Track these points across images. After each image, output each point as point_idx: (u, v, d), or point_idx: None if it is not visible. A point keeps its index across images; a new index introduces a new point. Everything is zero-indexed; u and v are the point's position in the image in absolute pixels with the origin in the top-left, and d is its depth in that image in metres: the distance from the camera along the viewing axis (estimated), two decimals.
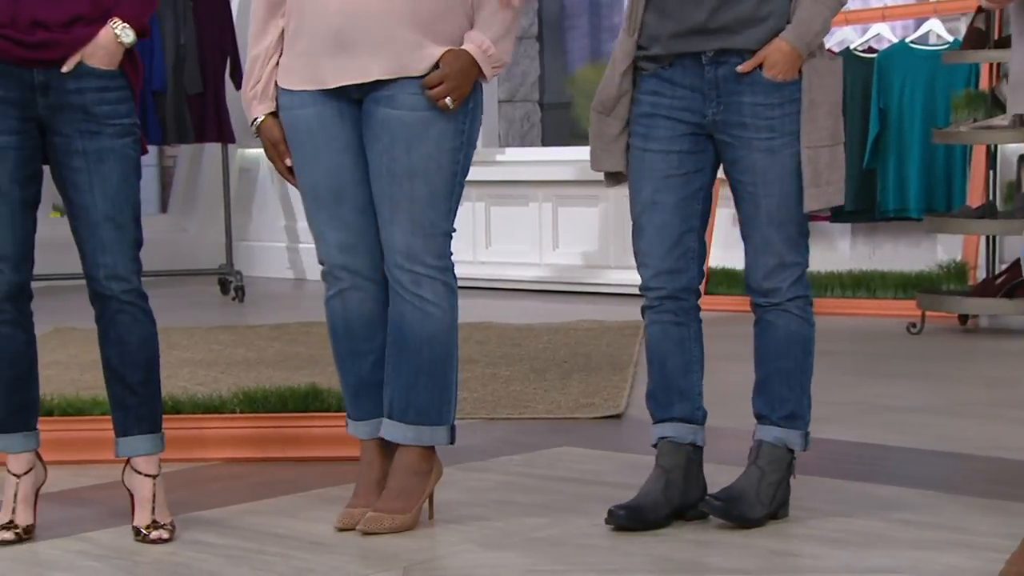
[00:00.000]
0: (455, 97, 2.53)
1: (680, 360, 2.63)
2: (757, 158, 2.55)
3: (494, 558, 2.46)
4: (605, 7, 8.02)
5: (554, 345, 4.96)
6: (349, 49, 2.54)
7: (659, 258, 2.60)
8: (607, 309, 6.06)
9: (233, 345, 5.10)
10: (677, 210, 2.59)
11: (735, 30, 2.53)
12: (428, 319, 2.58)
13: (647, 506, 2.57)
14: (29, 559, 2.51)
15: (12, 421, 2.65)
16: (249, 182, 7.84)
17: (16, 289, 2.59)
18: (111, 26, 2.54)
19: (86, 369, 4.52)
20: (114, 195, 2.56)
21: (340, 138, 2.60)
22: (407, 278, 2.57)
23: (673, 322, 2.62)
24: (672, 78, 2.57)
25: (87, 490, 3.00)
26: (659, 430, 2.66)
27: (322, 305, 2.72)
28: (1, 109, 2.52)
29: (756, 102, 2.53)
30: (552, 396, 4.00)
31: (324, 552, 2.51)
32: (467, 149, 2.60)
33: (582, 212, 6.79)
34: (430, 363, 2.59)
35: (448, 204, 2.59)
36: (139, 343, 2.62)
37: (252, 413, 3.30)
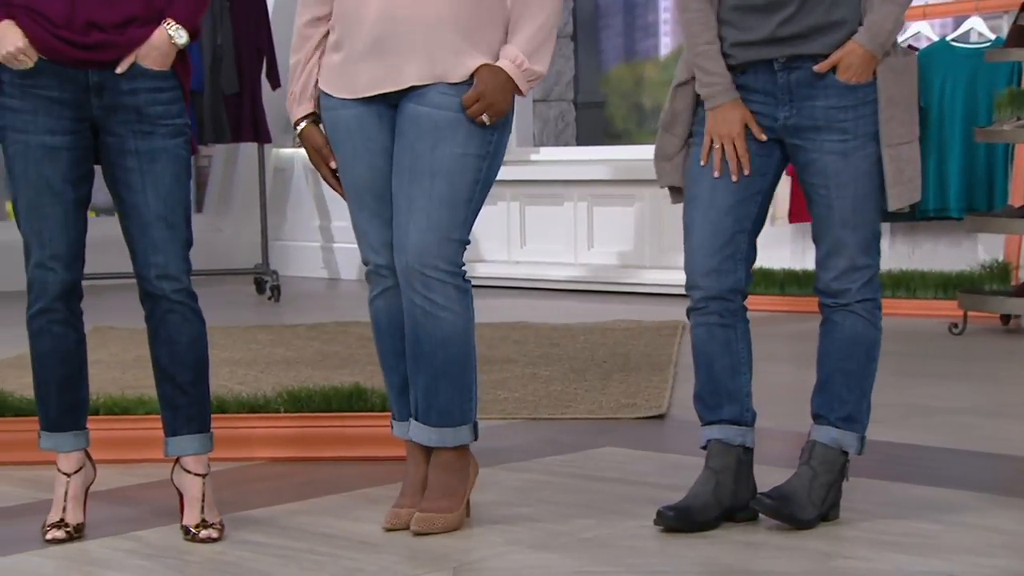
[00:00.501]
0: (491, 114, 2.53)
1: (727, 362, 2.62)
2: (830, 161, 2.54)
3: (543, 559, 2.46)
4: (639, 6, 8.01)
5: (592, 345, 4.96)
6: (387, 56, 2.54)
7: (707, 256, 2.59)
8: (643, 309, 6.05)
9: (271, 344, 5.12)
10: (731, 211, 2.58)
11: (807, 36, 2.53)
12: (440, 323, 2.55)
13: (696, 507, 2.57)
14: (80, 558, 2.53)
15: (62, 420, 2.67)
16: (284, 182, 7.86)
17: (68, 288, 2.61)
18: (165, 27, 2.55)
19: (127, 368, 4.56)
20: (166, 195, 2.57)
21: (379, 141, 2.60)
22: (419, 281, 2.55)
23: (719, 324, 2.61)
24: (745, 84, 2.57)
25: (134, 489, 3.01)
26: (708, 432, 2.65)
27: (357, 305, 2.73)
28: (55, 110, 2.54)
29: (830, 105, 2.53)
30: (593, 396, 3.99)
31: (373, 552, 2.51)
32: (492, 160, 2.58)
33: (617, 212, 6.78)
34: (447, 365, 2.57)
35: (465, 212, 2.55)
36: (189, 343, 2.63)
37: (296, 413, 3.31)
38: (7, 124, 2.56)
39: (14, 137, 2.55)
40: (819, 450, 2.61)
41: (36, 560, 2.50)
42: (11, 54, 2.49)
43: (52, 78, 2.53)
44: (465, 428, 2.62)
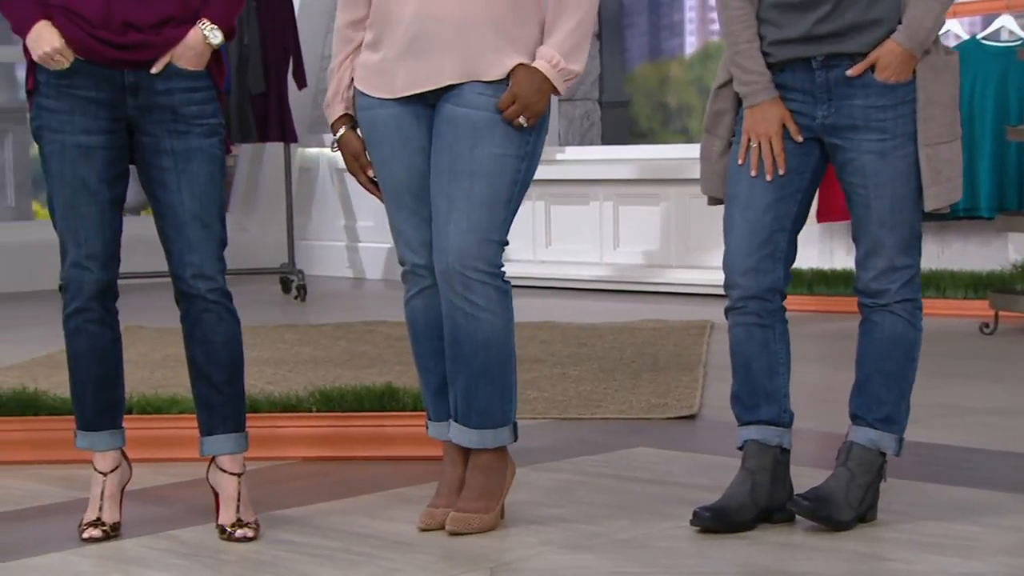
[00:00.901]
0: (528, 116, 2.52)
1: (765, 362, 2.61)
2: (868, 160, 2.53)
3: (579, 560, 2.45)
4: (664, 5, 7.99)
5: (620, 345, 4.94)
6: (423, 55, 2.54)
7: (745, 255, 2.57)
8: (669, 309, 6.03)
9: (299, 344, 5.13)
10: (770, 209, 2.57)
11: (845, 35, 2.52)
12: (480, 324, 2.54)
13: (732, 508, 2.56)
14: (117, 556, 2.53)
15: (98, 419, 2.68)
16: (309, 181, 7.88)
17: (103, 288, 2.62)
18: (200, 27, 2.56)
19: (156, 367, 4.57)
20: (201, 194, 2.58)
21: (416, 140, 2.60)
22: (458, 281, 2.54)
23: (757, 324, 2.60)
24: (783, 82, 2.56)
25: (167, 488, 3.02)
26: (745, 432, 2.63)
27: (383, 304, 2.74)
28: (91, 109, 2.54)
29: (868, 104, 2.52)
30: (623, 396, 3.98)
31: (408, 552, 2.51)
32: (530, 161, 2.58)
33: (643, 211, 6.76)
34: (487, 367, 2.56)
35: (504, 212, 2.55)
36: (224, 342, 2.64)
37: (329, 412, 3.31)
38: (43, 124, 2.56)
39: (50, 137, 2.56)
40: (856, 451, 2.60)
41: (73, 559, 2.51)
42: (48, 54, 2.49)
43: (88, 78, 2.53)
44: (505, 429, 2.61)
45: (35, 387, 3.49)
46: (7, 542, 2.65)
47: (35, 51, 2.51)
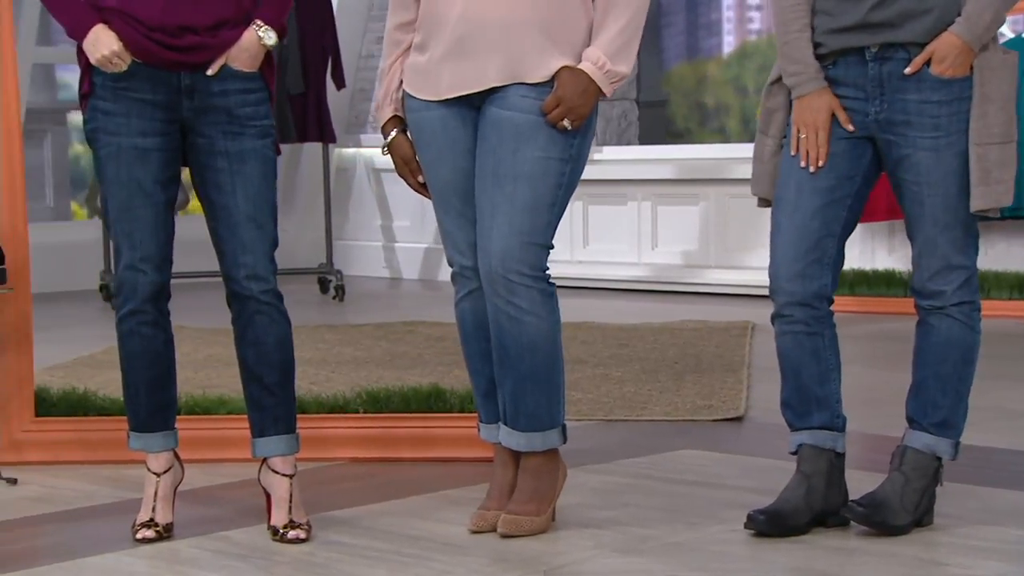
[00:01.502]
0: (572, 119, 2.50)
1: (815, 369, 2.57)
2: (921, 157, 2.49)
3: (632, 563, 2.44)
4: (702, 5, 7.96)
5: (662, 345, 4.93)
6: (469, 56, 2.53)
7: (792, 261, 2.54)
8: (709, 309, 6.01)
9: (340, 344, 5.14)
10: (818, 214, 2.53)
11: (899, 23, 2.48)
12: (525, 328, 2.53)
13: (787, 512, 2.54)
14: (171, 557, 2.54)
15: (152, 421, 2.69)
16: (346, 181, 7.89)
17: (157, 290, 2.63)
18: (254, 28, 2.56)
19: (200, 367, 4.59)
20: (255, 195, 2.59)
21: (462, 142, 2.59)
22: (502, 285, 2.53)
23: (805, 332, 2.56)
24: (836, 77, 2.53)
25: (217, 489, 3.03)
26: (798, 438, 2.61)
27: (421, 304, 2.74)
28: (147, 111, 2.56)
29: (923, 99, 2.48)
30: (667, 398, 3.97)
31: (460, 554, 2.51)
32: (574, 164, 2.55)
33: (681, 211, 6.74)
34: (533, 370, 2.55)
35: (548, 216, 2.53)
36: (276, 343, 2.64)
37: (376, 413, 3.31)
38: (99, 127, 2.58)
39: (106, 140, 2.57)
40: (911, 455, 2.57)
41: (127, 559, 2.52)
42: (106, 57, 2.51)
43: (145, 81, 2.55)
44: (553, 432, 2.60)
45: (84, 388, 3.50)
46: (61, 542, 2.67)
47: (93, 54, 2.52)
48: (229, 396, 3.42)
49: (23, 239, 3.20)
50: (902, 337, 3.27)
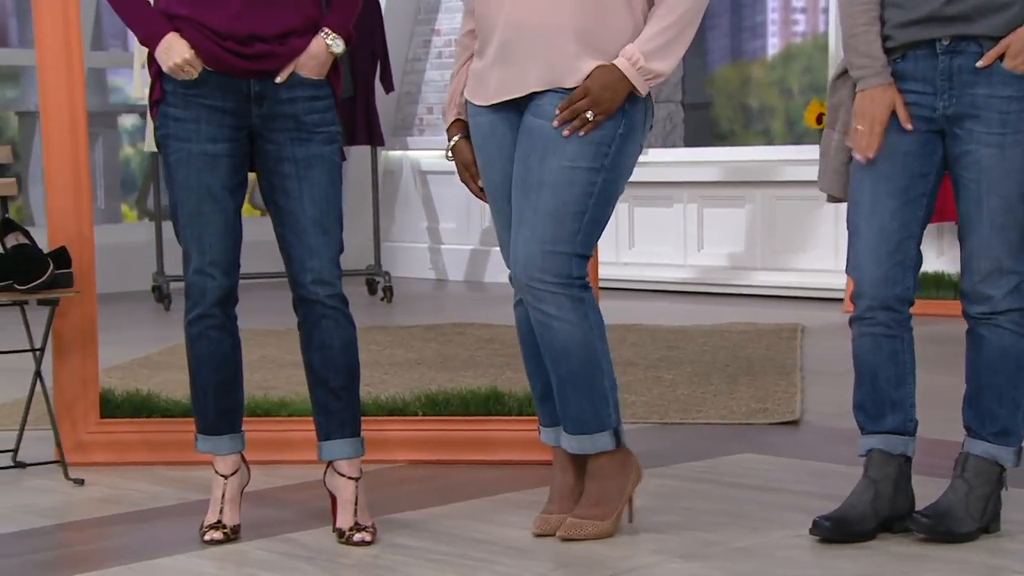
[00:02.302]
0: (596, 112, 2.46)
1: (892, 373, 2.54)
2: (984, 154, 2.44)
3: (698, 569, 2.42)
4: (746, 7, 7.91)
5: (712, 348, 4.90)
6: (511, 62, 2.53)
7: (875, 264, 2.49)
8: (756, 311, 5.97)
9: (391, 346, 5.15)
10: (897, 215, 2.49)
11: (972, 17, 2.43)
12: (555, 333, 2.51)
13: (853, 518, 2.51)
14: (239, 559, 2.55)
15: (219, 423, 2.70)
16: (392, 184, 7.91)
17: (225, 294, 2.64)
18: (322, 36, 2.57)
19: (254, 369, 4.60)
20: (322, 200, 2.59)
21: (510, 147, 2.58)
22: (528, 292, 2.52)
23: (885, 335, 2.52)
24: (903, 72, 2.48)
25: (280, 490, 3.04)
26: (869, 441, 2.58)
27: (468, 306, 2.73)
28: (217, 118, 2.57)
29: (993, 94, 2.42)
30: (722, 401, 3.95)
31: (525, 558, 2.50)
32: (608, 174, 2.49)
33: (728, 213, 6.71)
34: (571, 375, 2.53)
35: (576, 224, 2.49)
36: (342, 348, 2.65)
37: (435, 416, 3.31)
38: (170, 133, 2.59)
39: (177, 146, 2.58)
40: (973, 462, 2.54)
41: (197, 561, 2.53)
42: (179, 65, 2.52)
43: (215, 88, 2.56)
44: (602, 435, 2.57)
45: (147, 390, 3.53)
46: (131, 543, 2.68)
47: (166, 62, 2.54)
48: (290, 399, 3.43)
49: (89, 243, 3.22)
50: (953, 339, 3.24)
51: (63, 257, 3.14)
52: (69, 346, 3.24)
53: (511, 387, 3.54)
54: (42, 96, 3.22)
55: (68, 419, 3.24)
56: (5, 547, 2.64)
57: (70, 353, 3.24)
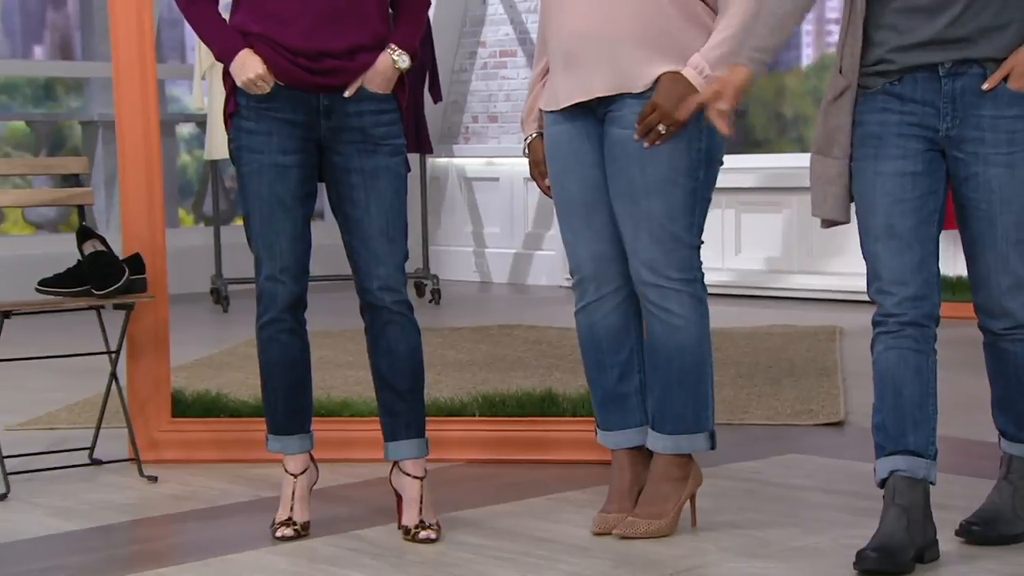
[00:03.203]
0: (667, 124, 2.46)
1: (917, 389, 2.38)
2: (994, 174, 2.34)
3: (756, 568, 2.39)
4: None
5: (753, 350, 4.86)
6: (577, 68, 2.53)
7: (903, 285, 2.38)
8: (793, 313, 5.93)
9: (441, 347, 5.14)
10: (915, 234, 2.37)
11: (974, 40, 2.33)
12: (675, 332, 2.52)
13: (896, 548, 2.33)
14: (310, 555, 2.54)
15: (290, 424, 2.69)
16: (439, 190, 7.91)
17: (295, 299, 2.64)
18: (389, 52, 2.57)
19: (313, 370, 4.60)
20: (387, 209, 2.59)
21: (586, 154, 2.58)
22: (653, 293, 2.53)
23: (913, 349, 2.37)
24: (902, 93, 2.36)
25: (346, 488, 3.03)
26: (890, 463, 2.38)
27: (513, 307, 2.72)
28: (287, 131, 2.56)
29: (998, 114, 2.33)
30: (767, 402, 3.91)
31: (586, 556, 2.48)
32: (705, 166, 2.52)
33: (765, 218, 6.66)
34: (681, 373, 2.54)
35: (690, 218, 2.52)
36: (407, 352, 2.64)
37: (492, 417, 3.30)
38: (243, 145, 2.59)
39: (249, 157, 2.58)
40: (1017, 464, 2.48)
41: (269, 557, 2.52)
42: (251, 80, 2.52)
43: (286, 102, 2.56)
44: (700, 436, 2.57)
45: (216, 390, 3.53)
46: (204, 539, 2.68)
47: (239, 77, 2.54)
48: (352, 399, 3.43)
49: (161, 250, 3.23)
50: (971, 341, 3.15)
51: (137, 263, 3.15)
52: (142, 348, 3.25)
53: (564, 388, 3.52)
54: (118, 109, 3.24)
55: (141, 418, 3.25)
56: (84, 542, 2.65)
57: (143, 355, 3.25)
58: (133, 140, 3.23)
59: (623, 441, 2.65)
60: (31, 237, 7.63)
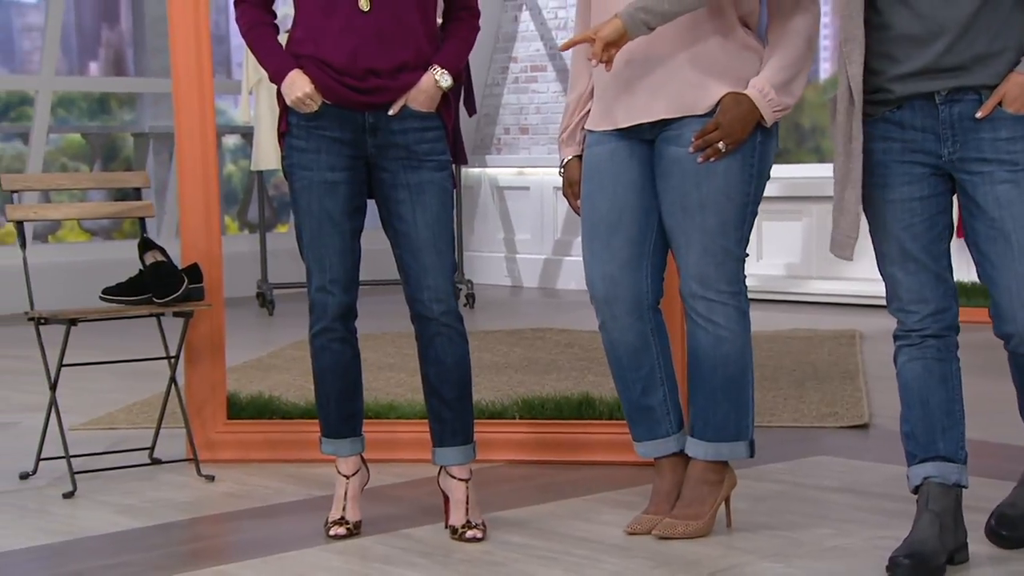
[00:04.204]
0: (728, 143, 2.44)
1: (943, 396, 2.35)
2: (1001, 191, 2.27)
3: (792, 568, 2.37)
4: None
5: (777, 353, 4.82)
6: (638, 91, 2.51)
7: (923, 303, 2.35)
8: (813, 318, 5.88)
9: (477, 350, 5.09)
10: (928, 254, 2.34)
11: (969, 68, 2.27)
12: (720, 343, 2.51)
13: (928, 554, 2.29)
14: (362, 554, 2.53)
15: (342, 428, 2.68)
16: (472, 198, 7.90)
17: (345, 310, 2.63)
18: (432, 72, 2.55)
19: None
20: (434, 223, 2.57)
21: (627, 173, 2.56)
22: (701, 305, 2.51)
23: (936, 359, 2.35)
24: (901, 120, 2.30)
25: (393, 487, 3.02)
26: (921, 470, 2.36)
27: (543, 311, 2.70)
28: (335, 148, 2.56)
29: (997, 138, 2.27)
30: (792, 404, 3.87)
31: (627, 556, 2.46)
32: (757, 180, 2.51)
33: (785, 226, 6.61)
34: (724, 383, 2.52)
35: (740, 232, 2.51)
36: (455, 362, 2.62)
37: (531, 419, 3.28)
38: (294, 163, 2.58)
39: (300, 174, 2.58)
40: None
41: (324, 555, 2.51)
42: (300, 99, 2.51)
43: (334, 120, 2.55)
44: (740, 444, 2.55)
45: (268, 393, 3.53)
46: (262, 537, 2.67)
47: (288, 96, 2.53)
48: (398, 402, 3.42)
49: (217, 260, 3.23)
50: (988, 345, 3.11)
51: (195, 273, 3.15)
52: (199, 354, 3.25)
53: (598, 391, 3.50)
54: (177, 124, 3.24)
55: (198, 420, 3.25)
56: (146, 539, 2.65)
57: (200, 360, 3.25)
58: (191, 155, 3.23)
59: (652, 451, 2.63)
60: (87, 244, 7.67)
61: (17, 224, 3.12)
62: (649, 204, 2.55)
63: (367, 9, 2.48)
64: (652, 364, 2.59)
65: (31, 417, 3.78)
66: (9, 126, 8.18)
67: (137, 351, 3.60)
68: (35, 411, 3.82)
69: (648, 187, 2.55)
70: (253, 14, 2.57)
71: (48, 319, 3.01)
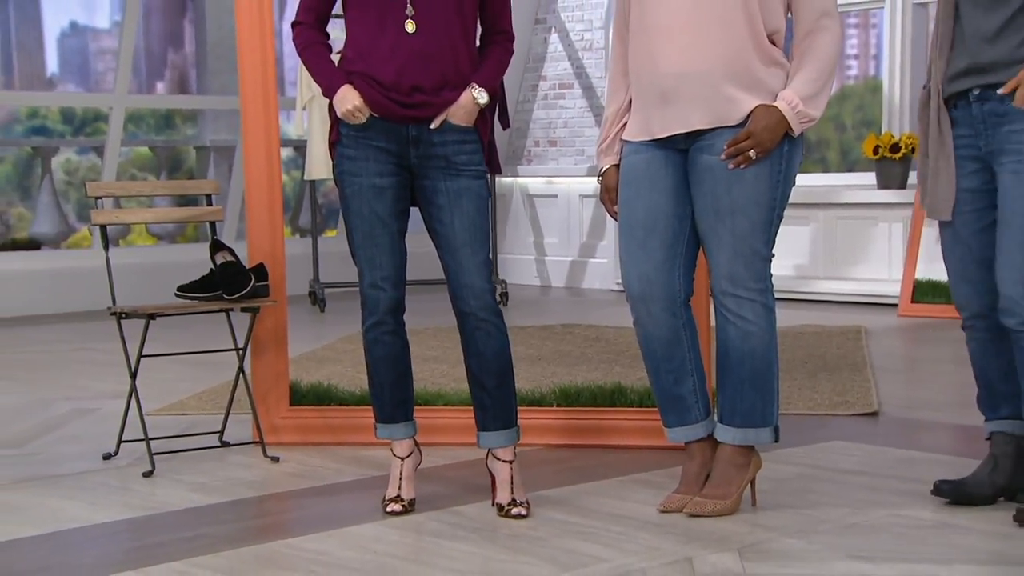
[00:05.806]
0: (758, 152, 2.43)
1: (998, 368, 2.53)
2: (1007, 181, 2.38)
3: (814, 544, 2.34)
4: None
5: (789, 347, 4.78)
6: (674, 103, 2.49)
7: (976, 295, 2.49)
8: (821, 315, 5.83)
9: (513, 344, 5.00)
10: (978, 239, 2.45)
11: (994, 71, 2.39)
12: (749, 337, 2.49)
13: (971, 483, 2.51)
14: (417, 528, 2.52)
15: (395, 413, 2.68)
16: (505, 205, 7.90)
17: (395, 304, 2.62)
18: (470, 90, 2.55)
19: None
20: (470, 225, 2.56)
21: (663, 180, 2.54)
22: (731, 302, 2.49)
23: (988, 338, 2.52)
24: (955, 117, 2.47)
25: (442, 468, 3.01)
26: (990, 427, 2.57)
27: (571, 309, 2.69)
28: (381, 157, 2.56)
29: (1011, 129, 2.38)
30: (806, 394, 3.83)
31: (660, 533, 2.44)
32: (784, 186, 2.49)
33: (794, 230, 6.56)
34: (752, 374, 2.50)
35: (767, 234, 2.49)
36: (494, 355, 2.61)
37: (567, 407, 3.26)
38: (345, 170, 2.58)
39: (351, 180, 2.57)
40: None
41: (383, 529, 2.51)
42: (349, 112, 2.51)
43: (380, 132, 2.54)
44: (766, 430, 2.53)
45: (327, 382, 3.53)
46: (324, 513, 2.67)
47: (339, 108, 2.54)
48: (445, 391, 3.41)
49: (281, 261, 3.23)
50: None
51: (261, 272, 3.15)
52: (264, 346, 3.25)
53: (630, 382, 3.48)
54: (244, 136, 3.24)
55: (264, 406, 3.25)
56: (219, 514, 2.65)
57: (265, 352, 3.25)
58: (257, 164, 3.23)
59: (683, 436, 2.61)
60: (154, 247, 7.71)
61: (101, 228, 3.13)
62: (682, 209, 2.54)
63: (413, 31, 2.48)
64: (683, 356, 2.57)
65: (110, 403, 3.80)
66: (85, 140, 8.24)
67: (202, 343, 3.60)
68: (113, 398, 3.84)
69: (682, 193, 2.54)
70: (308, 35, 2.57)
71: (129, 314, 3.02)
